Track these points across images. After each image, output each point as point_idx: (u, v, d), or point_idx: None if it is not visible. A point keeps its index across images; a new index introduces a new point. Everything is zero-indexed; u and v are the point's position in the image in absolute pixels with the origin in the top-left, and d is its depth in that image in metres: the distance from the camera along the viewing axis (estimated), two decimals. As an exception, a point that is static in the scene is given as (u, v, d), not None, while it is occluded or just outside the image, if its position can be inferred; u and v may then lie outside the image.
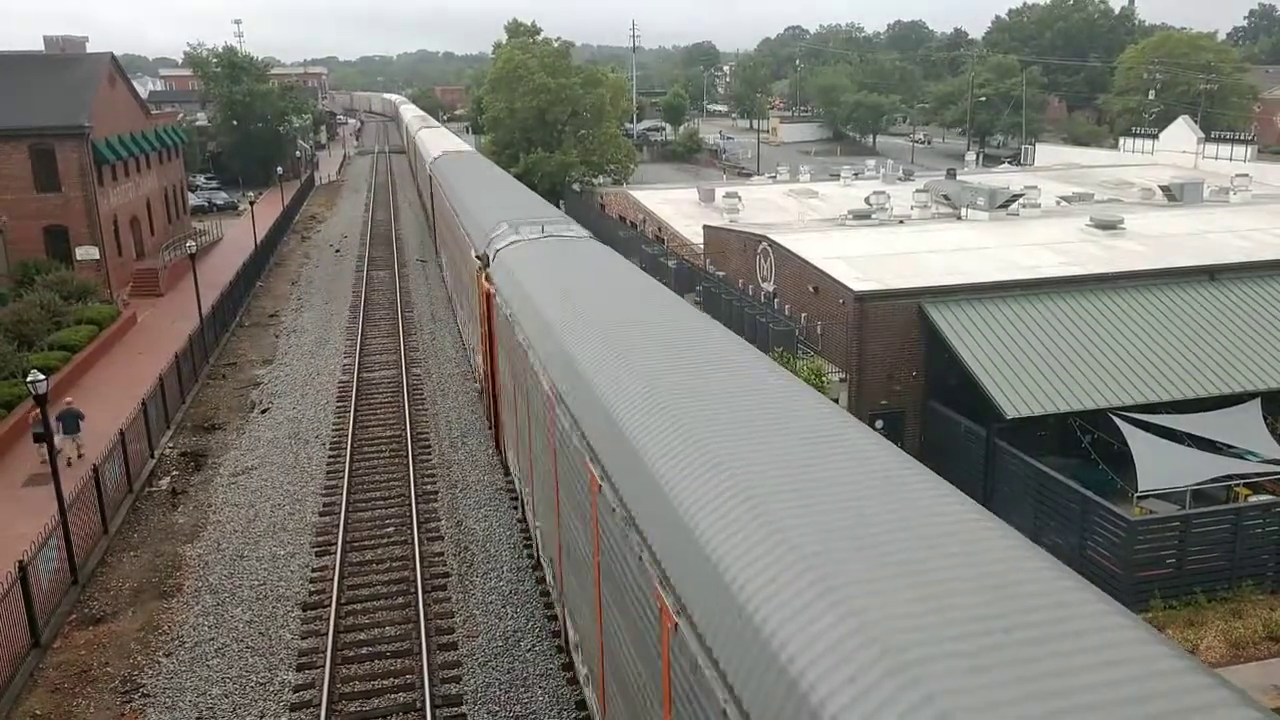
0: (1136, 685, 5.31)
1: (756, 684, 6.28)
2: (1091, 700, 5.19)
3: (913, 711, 5.22)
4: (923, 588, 6.27)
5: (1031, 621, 5.90)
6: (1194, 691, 5.30)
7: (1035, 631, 5.80)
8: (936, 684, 5.35)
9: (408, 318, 40.12)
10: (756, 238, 35.09)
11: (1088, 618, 5.96)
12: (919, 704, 5.26)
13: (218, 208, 71.23)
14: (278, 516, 22.30)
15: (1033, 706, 5.16)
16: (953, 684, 5.37)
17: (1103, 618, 5.97)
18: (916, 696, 5.31)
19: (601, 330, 13.42)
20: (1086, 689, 5.27)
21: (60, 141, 40.99)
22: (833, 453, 8.55)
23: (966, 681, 5.38)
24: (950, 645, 5.66)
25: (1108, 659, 5.53)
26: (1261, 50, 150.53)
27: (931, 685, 5.34)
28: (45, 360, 29.80)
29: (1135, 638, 5.76)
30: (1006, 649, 5.65)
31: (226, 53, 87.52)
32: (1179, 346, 25.47)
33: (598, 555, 11.12)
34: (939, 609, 6.01)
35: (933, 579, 6.36)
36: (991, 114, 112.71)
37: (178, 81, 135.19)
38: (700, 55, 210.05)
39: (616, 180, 74.56)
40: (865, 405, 26.66)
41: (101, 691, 16.07)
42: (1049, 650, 5.61)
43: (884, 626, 5.88)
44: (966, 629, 5.80)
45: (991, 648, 5.66)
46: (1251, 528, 20.48)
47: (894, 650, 5.65)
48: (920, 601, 6.10)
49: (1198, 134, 63.94)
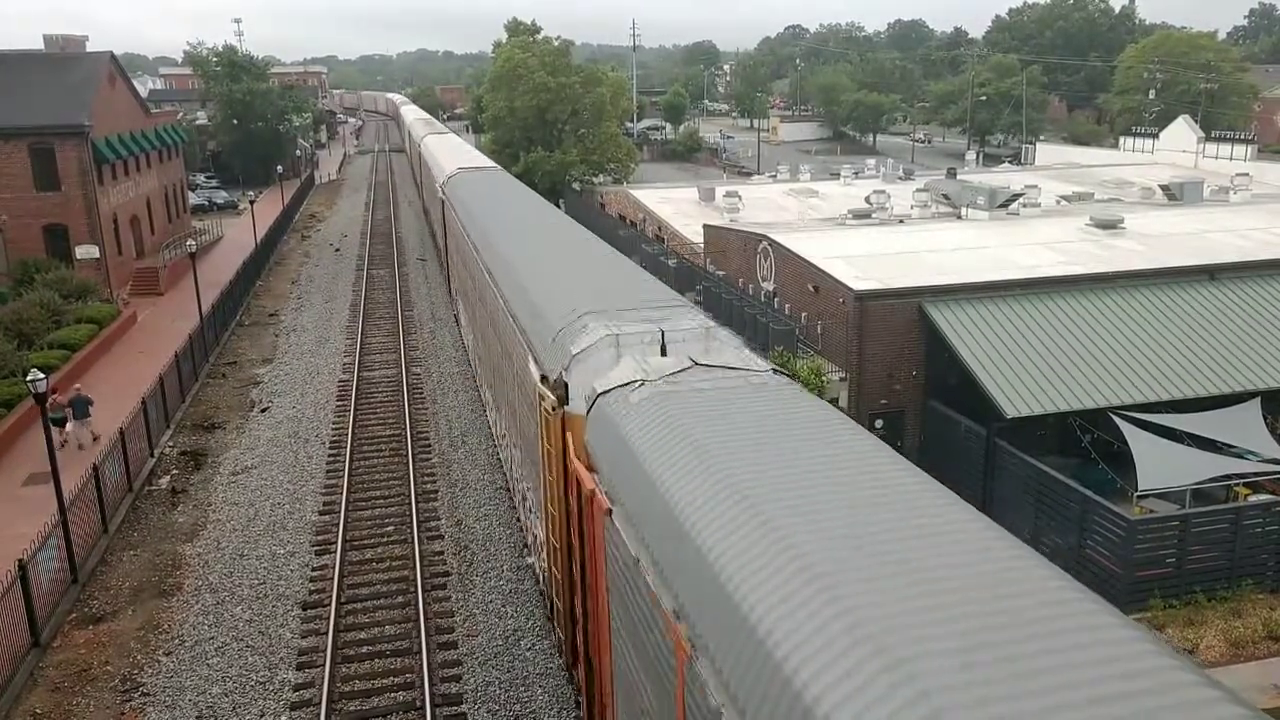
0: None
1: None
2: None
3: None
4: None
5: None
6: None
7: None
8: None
9: (407, 316, 40.13)
10: (756, 237, 35.10)
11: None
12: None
13: (218, 207, 71.20)
14: (278, 515, 22.31)
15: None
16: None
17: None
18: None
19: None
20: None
21: (60, 140, 40.99)
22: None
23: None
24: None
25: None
26: (1261, 49, 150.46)
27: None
28: (45, 359, 29.81)
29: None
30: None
31: (226, 52, 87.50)
32: (1179, 346, 25.48)
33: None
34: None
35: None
36: (992, 113, 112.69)
37: (178, 80, 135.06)
38: (700, 54, 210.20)
39: (616, 179, 74.57)
40: (865, 405, 26.68)
41: (101, 690, 16.07)
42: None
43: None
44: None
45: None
46: (1251, 527, 20.49)
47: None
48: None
49: (1198, 133, 63.93)
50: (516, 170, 63.52)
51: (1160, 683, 5.35)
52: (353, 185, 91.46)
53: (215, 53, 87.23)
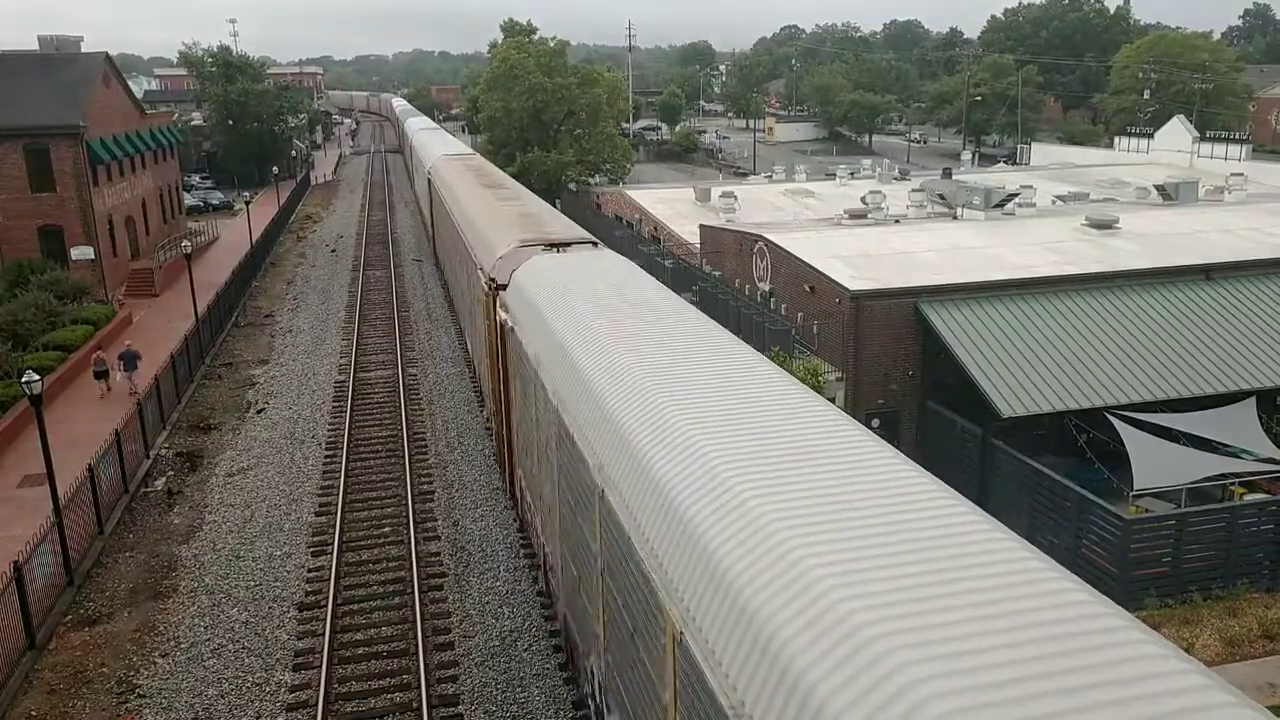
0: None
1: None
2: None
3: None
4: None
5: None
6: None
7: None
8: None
9: (404, 317, 40.09)
10: (753, 237, 35.10)
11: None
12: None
13: (213, 207, 71.07)
14: (274, 516, 22.27)
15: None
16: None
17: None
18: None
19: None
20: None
21: (55, 141, 40.87)
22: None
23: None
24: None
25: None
26: (1256, 50, 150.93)
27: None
28: (40, 360, 29.73)
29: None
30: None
31: (221, 52, 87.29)
32: (1174, 345, 25.53)
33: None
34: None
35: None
36: (987, 113, 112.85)
37: (173, 81, 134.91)
38: (696, 54, 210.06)
39: (613, 180, 74.55)
40: (862, 405, 26.69)
41: (97, 692, 16.04)
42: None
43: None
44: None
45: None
46: (1246, 526, 20.54)
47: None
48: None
49: (1193, 133, 64.09)
50: (512, 170, 63.49)
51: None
52: (349, 186, 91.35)
53: (210, 53, 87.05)
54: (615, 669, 10.51)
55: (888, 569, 6.50)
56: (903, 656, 5.55)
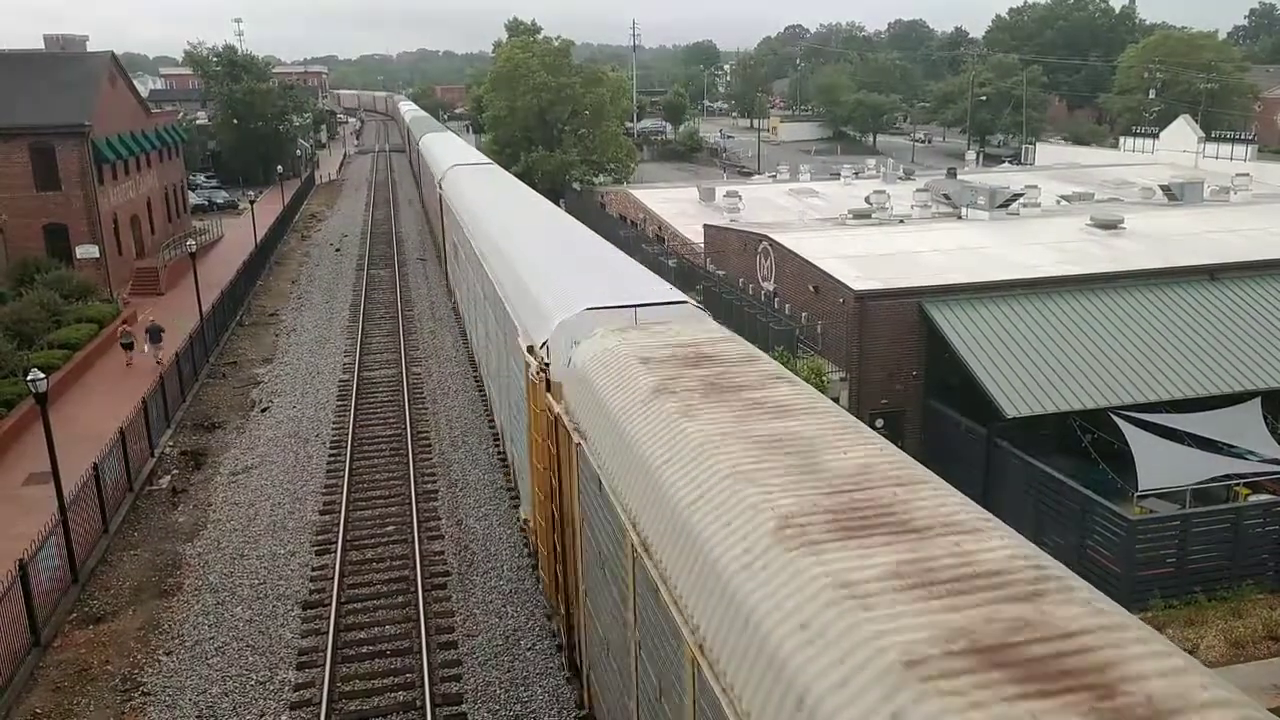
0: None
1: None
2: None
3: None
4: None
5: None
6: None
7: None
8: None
9: (408, 316, 40.13)
10: (757, 237, 35.10)
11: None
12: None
13: (218, 206, 71.15)
14: (278, 515, 22.30)
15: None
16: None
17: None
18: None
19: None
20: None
21: (60, 140, 40.97)
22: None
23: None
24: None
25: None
26: (1262, 49, 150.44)
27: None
28: (46, 359, 29.80)
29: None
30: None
31: (227, 51, 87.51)
32: (1179, 346, 25.48)
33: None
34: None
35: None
36: (992, 113, 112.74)
37: (178, 80, 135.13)
38: (700, 54, 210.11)
39: (617, 179, 74.60)
40: (865, 404, 26.67)
41: (102, 690, 16.07)
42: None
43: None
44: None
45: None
46: (1251, 527, 20.50)
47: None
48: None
49: (1198, 133, 63.96)
50: (517, 170, 63.54)
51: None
52: (353, 185, 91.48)
53: (215, 53, 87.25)
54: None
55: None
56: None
